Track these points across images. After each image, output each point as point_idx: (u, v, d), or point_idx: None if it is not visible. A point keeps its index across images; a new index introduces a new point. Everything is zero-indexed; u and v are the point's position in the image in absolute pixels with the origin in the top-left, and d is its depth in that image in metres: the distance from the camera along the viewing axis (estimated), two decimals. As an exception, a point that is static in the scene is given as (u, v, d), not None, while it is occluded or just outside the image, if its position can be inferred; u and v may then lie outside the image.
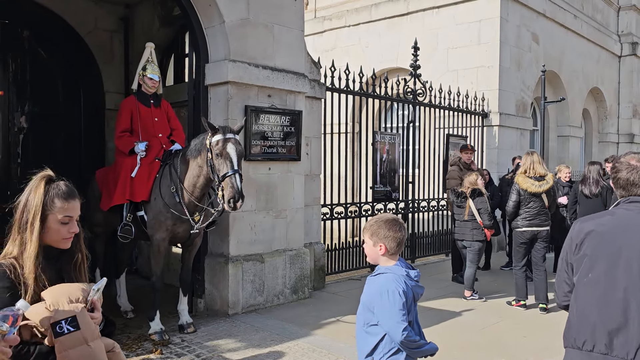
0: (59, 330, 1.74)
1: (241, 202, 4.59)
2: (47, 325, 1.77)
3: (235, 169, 4.56)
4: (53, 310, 1.79)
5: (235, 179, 4.53)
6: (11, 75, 7.38)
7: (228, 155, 4.57)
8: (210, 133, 4.67)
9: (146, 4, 8.01)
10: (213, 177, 4.67)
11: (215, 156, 4.59)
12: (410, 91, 8.85)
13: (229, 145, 4.59)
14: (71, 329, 1.76)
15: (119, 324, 5.55)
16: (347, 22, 12.84)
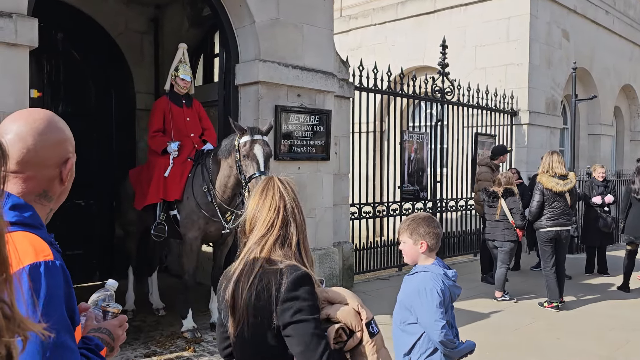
0: (372, 330, 1.75)
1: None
2: (362, 324, 1.72)
3: (262, 170, 4.58)
4: (364, 310, 1.74)
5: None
6: (46, 77, 7.54)
7: (255, 157, 4.59)
8: (239, 134, 4.70)
9: (176, 5, 8.11)
10: (241, 177, 4.70)
11: (243, 157, 4.62)
12: (439, 90, 8.78)
13: (256, 146, 4.61)
14: (378, 329, 1.77)
15: (151, 321, 5.67)
16: (373, 21, 12.79)
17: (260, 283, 1.66)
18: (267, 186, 1.80)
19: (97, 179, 7.40)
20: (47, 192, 1.30)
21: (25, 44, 4.16)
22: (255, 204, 1.79)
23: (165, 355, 4.65)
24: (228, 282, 1.74)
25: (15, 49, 4.12)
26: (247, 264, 1.70)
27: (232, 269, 1.77)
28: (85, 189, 7.42)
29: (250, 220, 1.77)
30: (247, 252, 1.74)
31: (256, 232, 1.74)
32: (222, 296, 1.77)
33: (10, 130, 1.25)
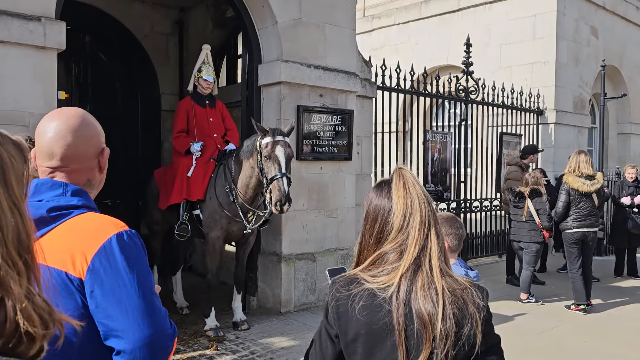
0: None
1: (288, 206, 4.63)
2: None
3: (283, 172, 4.61)
4: None
5: (282, 182, 4.58)
6: (74, 79, 7.71)
7: (276, 158, 4.62)
8: (261, 135, 4.73)
9: (200, 7, 8.20)
10: (262, 178, 4.73)
11: (264, 158, 4.65)
12: (462, 89, 8.69)
13: (277, 147, 4.64)
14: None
15: (175, 319, 5.72)
16: (396, 20, 12.72)
17: (456, 304, 1.37)
18: (407, 183, 1.49)
19: (124, 179, 7.53)
20: (90, 181, 1.44)
21: (54, 46, 4.26)
22: (403, 207, 1.45)
23: (189, 353, 4.70)
24: (402, 304, 1.36)
25: (43, 51, 4.23)
26: (425, 281, 1.37)
27: (387, 286, 1.39)
28: (112, 188, 7.53)
29: (400, 226, 1.43)
30: (409, 263, 1.39)
31: (411, 243, 1.42)
32: (384, 321, 1.37)
33: (50, 130, 1.38)
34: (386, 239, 1.44)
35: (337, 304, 1.42)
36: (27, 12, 4.12)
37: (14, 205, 0.79)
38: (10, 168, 0.80)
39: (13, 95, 4.02)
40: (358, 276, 1.43)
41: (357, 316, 1.37)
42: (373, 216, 1.48)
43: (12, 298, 0.73)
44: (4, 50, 4.01)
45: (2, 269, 0.73)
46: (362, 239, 1.50)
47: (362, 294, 1.39)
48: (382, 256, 1.44)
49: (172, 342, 1.34)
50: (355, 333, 1.39)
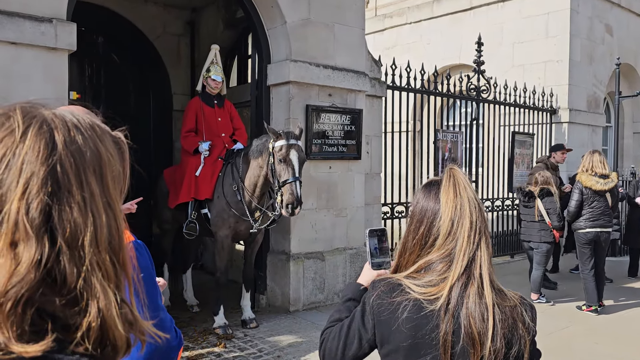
0: None
1: (299, 209, 4.69)
2: None
3: (297, 176, 4.65)
4: None
5: (295, 186, 4.63)
6: (87, 80, 7.82)
7: (291, 162, 4.66)
8: (273, 137, 4.75)
9: (211, 7, 8.26)
10: (273, 181, 4.78)
11: (278, 161, 4.68)
12: (474, 88, 8.64)
13: (292, 151, 4.67)
14: None
15: (185, 317, 5.79)
16: (408, 19, 12.68)
17: (506, 322, 1.30)
18: (457, 185, 1.38)
19: (136, 179, 7.60)
20: None
21: (65, 47, 4.33)
22: (451, 210, 1.35)
23: (197, 350, 4.75)
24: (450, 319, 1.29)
25: (55, 52, 4.29)
26: (475, 295, 1.29)
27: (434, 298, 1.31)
28: (124, 187, 7.66)
29: (447, 231, 1.34)
30: (459, 273, 1.31)
31: (460, 251, 1.32)
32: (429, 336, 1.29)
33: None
34: (432, 244, 1.36)
35: (378, 310, 1.34)
36: (39, 13, 4.19)
37: (109, 206, 0.74)
38: (107, 166, 0.76)
39: (25, 96, 4.04)
40: (402, 283, 1.34)
41: (400, 327, 1.29)
42: (418, 218, 1.39)
43: (97, 302, 0.69)
44: (16, 52, 4.08)
45: (91, 271, 0.69)
46: (405, 241, 1.41)
47: (407, 304, 1.30)
48: (429, 265, 1.35)
49: (176, 353, 1.34)
50: (396, 345, 1.32)
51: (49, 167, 0.68)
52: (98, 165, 0.74)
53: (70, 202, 0.69)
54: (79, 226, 0.69)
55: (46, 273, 0.66)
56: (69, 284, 0.68)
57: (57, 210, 0.68)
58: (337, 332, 1.46)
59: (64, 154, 0.70)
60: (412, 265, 1.37)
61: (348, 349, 1.42)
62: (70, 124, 0.74)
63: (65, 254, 0.68)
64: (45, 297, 0.66)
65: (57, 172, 0.69)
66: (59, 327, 0.67)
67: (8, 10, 4.04)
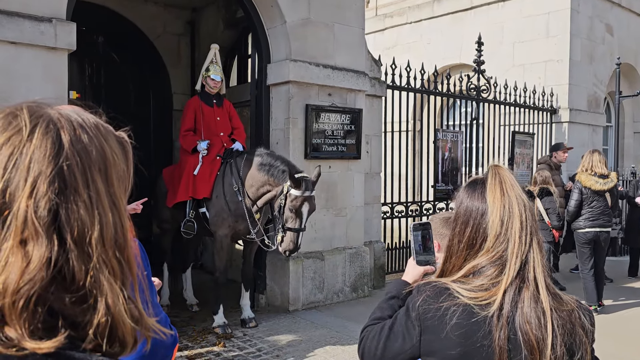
0: None
1: (295, 254, 4.83)
2: None
3: (303, 227, 4.71)
4: None
5: (298, 236, 4.69)
6: (87, 79, 7.83)
7: (301, 214, 4.71)
8: (291, 182, 4.66)
9: (211, 7, 8.26)
10: (278, 220, 4.78)
11: (289, 209, 4.69)
12: (474, 87, 8.64)
13: (305, 204, 4.70)
14: None
15: (184, 316, 5.80)
16: (408, 19, 12.68)
17: (565, 328, 1.22)
18: (504, 183, 1.30)
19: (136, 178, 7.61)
20: None
21: (64, 47, 4.33)
22: (499, 210, 1.28)
23: (196, 349, 4.75)
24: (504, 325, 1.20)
25: (54, 52, 4.30)
26: (531, 300, 1.22)
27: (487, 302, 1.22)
28: (125, 187, 7.67)
29: (497, 232, 1.27)
30: (512, 277, 1.23)
31: (512, 254, 1.25)
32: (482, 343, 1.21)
33: None
34: (480, 247, 1.28)
35: (425, 316, 1.25)
36: (39, 13, 4.19)
37: (114, 204, 0.75)
38: (112, 165, 0.77)
39: (24, 96, 4.08)
40: (449, 287, 1.25)
41: (449, 335, 1.21)
42: (464, 219, 1.30)
43: (105, 300, 0.70)
44: (16, 51, 4.09)
45: (98, 269, 0.70)
46: (451, 244, 1.32)
47: (456, 309, 1.22)
48: (478, 269, 1.26)
49: (171, 351, 1.35)
50: (444, 354, 1.24)
51: (56, 165, 0.69)
52: (103, 164, 0.75)
53: (77, 201, 0.70)
54: (86, 224, 0.70)
55: (57, 271, 0.68)
56: (77, 282, 0.69)
57: (65, 209, 0.69)
58: (378, 332, 1.40)
59: (70, 153, 0.71)
60: (459, 270, 1.29)
61: (388, 351, 1.36)
62: (76, 123, 0.75)
63: (73, 252, 0.69)
64: (55, 295, 0.68)
65: (64, 171, 0.70)
66: (69, 324, 0.68)
67: (8, 10, 4.05)
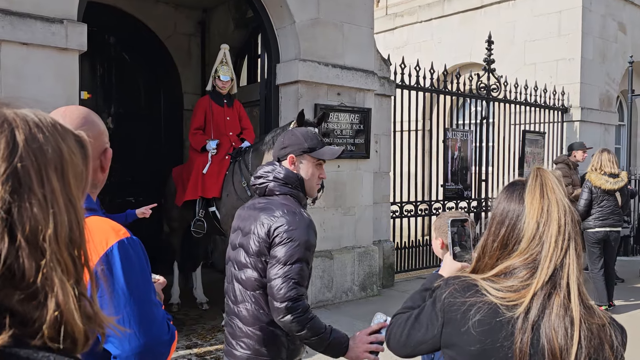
0: None
1: (322, 192, 4.67)
2: None
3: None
4: None
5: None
6: (99, 79, 7.91)
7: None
8: (295, 123, 4.70)
9: (222, 7, 8.31)
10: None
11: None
12: (484, 86, 8.60)
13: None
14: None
15: (194, 315, 5.84)
16: (419, 18, 12.65)
17: (591, 342, 1.18)
18: (545, 185, 1.27)
19: (147, 177, 7.70)
20: (93, 180, 1.43)
21: (75, 48, 4.39)
22: (537, 212, 1.24)
23: (206, 347, 4.79)
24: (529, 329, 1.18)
25: (65, 53, 4.35)
26: (560, 307, 1.19)
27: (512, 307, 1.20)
28: (135, 186, 7.74)
29: (532, 235, 1.24)
30: (543, 281, 1.20)
31: (545, 257, 1.21)
32: (502, 344, 1.20)
33: None
34: (514, 248, 1.26)
35: (449, 308, 1.26)
36: (50, 14, 4.25)
37: (70, 203, 0.76)
38: (69, 164, 0.77)
39: (35, 96, 4.15)
40: (478, 284, 1.25)
41: (470, 330, 1.21)
42: (499, 220, 1.29)
43: (56, 297, 0.70)
44: (27, 52, 4.15)
45: (50, 266, 0.71)
46: (485, 244, 1.31)
47: (482, 306, 1.21)
48: (511, 270, 1.24)
49: (168, 348, 1.36)
50: (463, 349, 1.24)
51: (10, 165, 0.69)
52: (59, 163, 0.75)
53: (30, 199, 0.70)
54: (39, 223, 0.70)
55: (6, 268, 0.68)
56: (27, 279, 0.69)
57: (17, 207, 0.69)
58: (405, 320, 1.42)
59: (25, 153, 0.71)
60: (491, 270, 1.27)
61: (411, 339, 1.38)
62: (32, 122, 0.75)
63: (24, 250, 0.69)
64: (4, 292, 0.68)
65: (17, 171, 0.70)
66: (17, 322, 0.68)
67: (20, 12, 4.11)
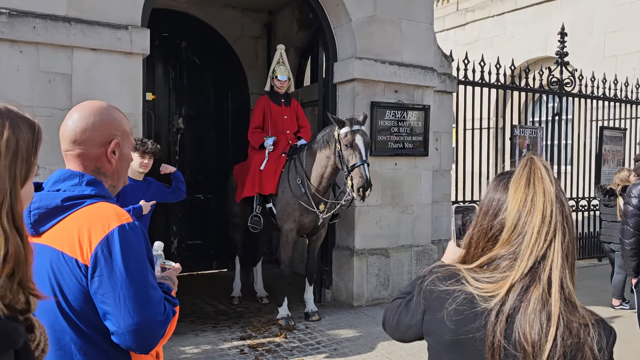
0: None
1: (369, 191, 4.78)
2: None
3: (364, 159, 4.78)
4: None
5: (364, 169, 4.74)
6: (171, 82, 8.33)
7: (357, 147, 4.78)
8: (337, 125, 4.87)
9: (286, 9, 8.49)
10: (342, 167, 4.91)
11: (345, 147, 4.83)
12: (556, 81, 8.20)
13: (357, 136, 4.81)
14: None
15: (253, 308, 6.03)
16: (490, 13, 12.27)
17: (570, 341, 1.13)
18: (532, 175, 1.23)
19: (215, 175, 8.02)
20: (99, 168, 1.55)
21: (139, 52, 4.68)
22: (519, 202, 1.21)
23: (259, 339, 4.94)
24: (503, 322, 1.15)
25: (130, 57, 4.66)
26: (537, 301, 1.15)
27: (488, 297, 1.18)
28: (204, 183, 8.09)
29: (513, 225, 1.21)
30: (522, 274, 1.17)
31: (526, 249, 1.18)
32: (474, 335, 1.19)
33: (69, 117, 1.55)
34: (496, 239, 1.24)
35: (430, 296, 1.27)
36: (116, 21, 4.56)
37: (8, 176, 0.90)
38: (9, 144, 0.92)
39: (102, 97, 4.47)
40: (460, 273, 1.24)
41: (445, 319, 1.21)
42: (485, 209, 1.28)
43: None
44: (96, 57, 4.48)
45: None
46: (472, 233, 1.30)
47: (458, 295, 1.20)
48: (494, 260, 1.22)
49: (162, 328, 1.44)
50: (439, 337, 1.25)
51: None
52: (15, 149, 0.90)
53: None
54: None
55: None
56: None
57: None
58: (397, 305, 1.46)
59: None
60: (477, 260, 1.26)
61: (400, 324, 1.41)
62: None
63: None
64: None
65: None
66: None
67: (89, 19, 4.45)
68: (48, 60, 4.36)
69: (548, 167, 1.25)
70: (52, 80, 4.38)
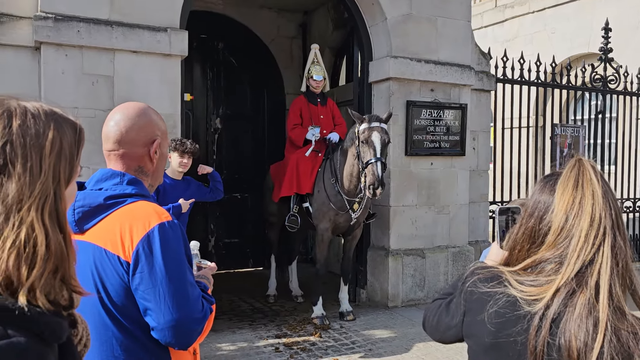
0: None
1: (381, 190, 4.74)
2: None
3: (378, 156, 4.73)
4: None
5: (376, 167, 4.70)
6: (209, 83, 8.46)
7: (372, 143, 4.76)
8: (358, 122, 4.88)
9: (322, 9, 8.51)
10: (358, 164, 4.89)
11: (361, 143, 4.84)
12: (600, 78, 7.95)
13: (374, 133, 4.79)
14: None
15: (289, 307, 6.07)
16: (530, 8, 11.97)
17: (618, 350, 1.08)
18: (581, 176, 1.19)
19: (252, 174, 8.11)
20: (142, 167, 1.59)
21: (178, 54, 4.78)
22: (567, 204, 1.17)
23: (294, 338, 4.97)
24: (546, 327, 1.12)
25: (169, 58, 4.76)
26: (584, 307, 1.11)
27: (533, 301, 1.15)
28: (241, 183, 8.19)
29: (559, 227, 1.17)
30: (568, 278, 1.13)
31: (573, 252, 1.14)
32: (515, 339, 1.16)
33: (112, 118, 1.60)
34: (541, 241, 1.20)
35: (470, 297, 1.26)
36: (156, 24, 4.67)
37: (52, 177, 0.93)
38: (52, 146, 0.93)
39: (142, 98, 4.58)
40: (503, 275, 1.21)
41: (485, 320, 1.19)
42: (530, 211, 1.25)
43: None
44: (137, 59, 4.60)
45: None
46: (516, 234, 1.27)
47: (500, 297, 1.18)
48: (539, 264, 1.19)
49: (200, 325, 1.47)
50: (479, 339, 1.23)
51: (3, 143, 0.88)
52: (41, 145, 0.91)
53: (11, 175, 0.87)
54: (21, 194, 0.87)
55: None
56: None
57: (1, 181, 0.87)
58: (438, 305, 1.46)
59: (15, 135, 0.88)
60: (521, 263, 1.23)
61: (440, 324, 1.41)
62: (29, 112, 0.92)
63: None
64: None
65: (6, 149, 0.87)
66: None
67: (130, 23, 4.57)
68: (91, 62, 4.50)
69: (597, 169, 1.22)
70: (95, 82, 4.52)
